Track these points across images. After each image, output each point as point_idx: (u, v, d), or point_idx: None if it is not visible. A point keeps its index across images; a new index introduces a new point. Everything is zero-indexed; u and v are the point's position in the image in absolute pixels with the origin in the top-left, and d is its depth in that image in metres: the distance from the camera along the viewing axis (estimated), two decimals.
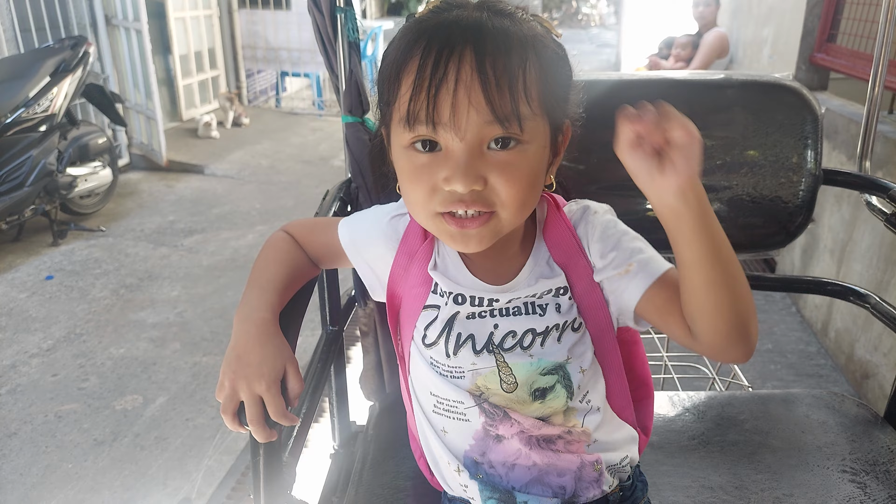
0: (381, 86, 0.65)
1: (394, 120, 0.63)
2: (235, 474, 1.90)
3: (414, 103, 0.59)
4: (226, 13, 6.23)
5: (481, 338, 0.69)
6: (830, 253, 2.54)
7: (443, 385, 0.71)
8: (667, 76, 1.08)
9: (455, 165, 0.59)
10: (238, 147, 5.24)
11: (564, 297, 0.69)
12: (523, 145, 0.61)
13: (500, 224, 0.63)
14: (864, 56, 2.54)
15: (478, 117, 0.58)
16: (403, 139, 0.62)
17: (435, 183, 0.61)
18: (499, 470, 0.72)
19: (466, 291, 0.70)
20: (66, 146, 3.49)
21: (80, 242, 3.51)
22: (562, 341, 0.69)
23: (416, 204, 0.63)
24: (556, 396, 0.69)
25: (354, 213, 0.80)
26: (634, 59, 6.66)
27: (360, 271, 0.77)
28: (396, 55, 0.61)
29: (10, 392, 2.25)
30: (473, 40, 0.58)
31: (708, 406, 1.07)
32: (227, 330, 2.63)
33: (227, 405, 0.63)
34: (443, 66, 0.57)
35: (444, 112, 0.58)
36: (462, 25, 0.59)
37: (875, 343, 2.14)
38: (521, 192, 0.61)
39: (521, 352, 0.69)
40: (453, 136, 0.59)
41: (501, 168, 0.60)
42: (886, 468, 0.92)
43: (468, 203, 0.60)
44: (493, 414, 0.70)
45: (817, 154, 1.03)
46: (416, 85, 0.58)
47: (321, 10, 1.01)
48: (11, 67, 3.35)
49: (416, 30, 0.61)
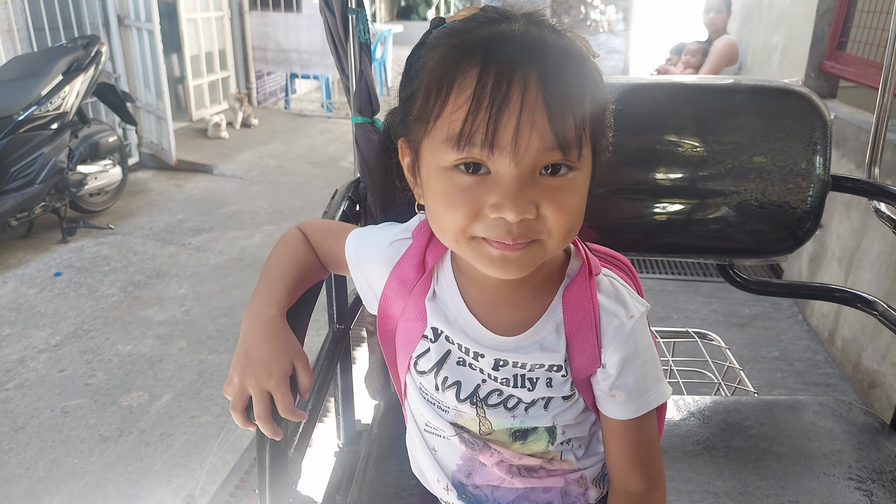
0: (411, 98, 0.59)
1: (433, 138, 0.57)
2: (239, 472, 1.90)
3: (470, 124, 0.53)
4: (237, 15, 6.27)
5: (467, 387, 0.68)
6: (839, 261, 2.53)
7: (428, 412, 0.72)
8: (676, 81, 1.08)
9: (507, 192, 0.54)
10: (247, 148, 5.27)
11: (558, 374, 0.66)
12: (574, 172, 0.57)
13: (545, 252, 0.58)
14: (874, 64, 2.52)
15: (540, 143, 0.53)
16: (445, 160, 0.56)
17: (479, 208, 0.55)
18: (484, 490, 0.73)
19: (456, 337, 0.67)
20: (77, 144, 3.52)
21: (90, 240, 3.54)
22: (549, 409, 0.68)
23: (451, 228, 0.57)
24: (538, 440, 0.69)
25: (366, 228, 0.77)
26: (643, 66, 6.65)
27: (359, 287, 0.75)
28: (441, 68, 0.55)
29: (18, 387, 2.27)
30: (537, 60, 0.53)
31: (713, 411, 1.06)
32: (234, 328, 2.64)
33: (236, 402, 0.63)
34: (505, 85, 0.52)
35: (504, 135, 0.53)
36: (521, 42, 0.54)
37: (883, 352, 2.13)
38: (570, 221, 0.57)
39: (504, 411, 0.68)
40: (508, 162, 0.53)
41: (553, 196, 0.55)
42: (893, 476, 0.91)
43: (515, 235, 0.55)
44: (473, 444, 0.71)
45: (826, 160, 1.02)
46: (473, 104, 0.53)
47: (333, 10, 1.02)
48: (25, 66, 3.39)
49: (465, 43, 0.55)
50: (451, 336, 0.67)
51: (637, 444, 0.68)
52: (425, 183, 0.61)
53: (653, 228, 1.09)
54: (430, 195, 0.60)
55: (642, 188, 1.06)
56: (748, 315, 2.82)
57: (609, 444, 0.70)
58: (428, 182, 0.60)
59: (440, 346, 0.68)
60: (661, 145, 1.04)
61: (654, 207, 1.07)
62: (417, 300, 0.69)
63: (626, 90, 1.04)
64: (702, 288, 3.04)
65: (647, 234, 1.09)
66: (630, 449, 0.68)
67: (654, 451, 0.69)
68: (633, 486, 0.68)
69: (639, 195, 1.07)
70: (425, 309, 0.68)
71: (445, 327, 0.67)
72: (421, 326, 0.69)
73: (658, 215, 1.07)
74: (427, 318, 0.68)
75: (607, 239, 0.87)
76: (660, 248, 1.13)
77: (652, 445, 0.69)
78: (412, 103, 0.59)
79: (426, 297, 0.68)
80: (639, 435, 0.67)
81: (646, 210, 1.07)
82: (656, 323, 2.63)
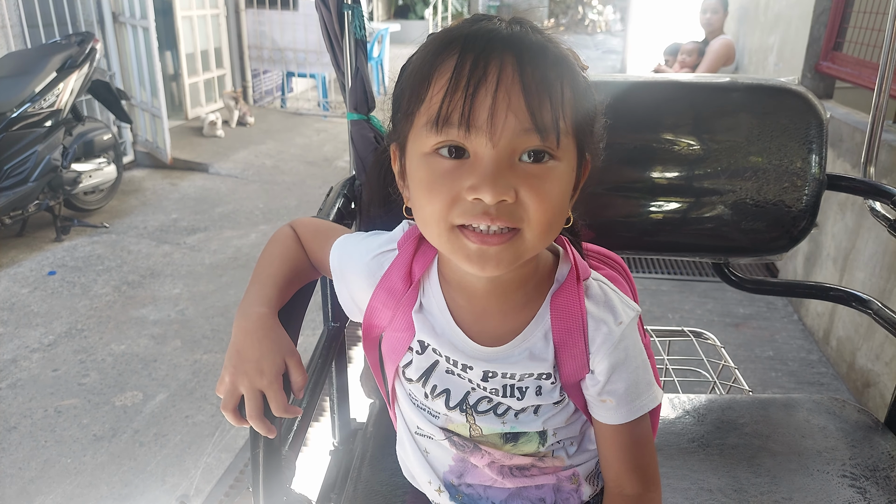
0: (400, 96, 0.61)
1: (416, 126, 0.58)
2: (234, 472, 1.89)
3: (447, 104, 0.54)
4: (233, 13, 6.25)
5: (456, 395, 0.68)
6: (833, 261, 2.54)
7: (418, 417, 0.72)
8: (672, 79, 1.08)
9: (483, 173, 0.54)
10: (242, 146, 5.25)
11: (547, 382, 0.66)
12: (556, 162, 0.56)
13: (524, 246, 0.57)
14: (870, 65, 2.53)
15: (516, 124, 0.54)
16: (426, 144, 0.57)
17: (458, 192, 0.55)
18: (476, 489, 0.73)
19: (443, 349, 0.67)
20: (71, 142, 3.50)
21: (84, 238, 3.52)
22: (539, 414, 0.68)
23: (432, 217, 0.57)
24: (529, 441, 0.69)
25: (352, 236, 0.75)
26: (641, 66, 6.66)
27: (340, 295, 0.74)
28: (424, 59, 0.58)
29: (11, 386, 2.26)
30: (514, 48, 0.55)
31: (708, 409, 1.06)
32: (228, 328, 2.63)
33: (227, 400, 0.63)
34: (482, 66, 0.53)
35: (480, 114, 0.53)
36: (501, 35, 0.56)
37: (877, 352, 2.14)
38: (550, 212, 0.56)
39: (493, 417, 0.68)
40: (486, 142, 0.54)
41: (532, 182, 0.55)
42: (886, 474, 0.92)
43: (493, 217, 0.54)
44: (464, 447, 0.71)
45: (822, 159, 1.03)
46: (451, 84, 0.54)
47: (328, 6, 1.01)
48: (18, 63, 3.36)
49: (448, 36, 0.57)
50: (439, 349, 0.67)
51: (630, 447, 0.67)
52: (410, 178, 0.61)
53: (648, 227, 1.09)
54: (413, 186, 0.60)
55: (638, 187, 1.06)
56: (743, 314, 2.83)
57: (602, 448, 0.70)
58: (411, 174, 0.60)
59: (427, 358, 0.68)
60: (658, 144, 1.04)
61: (650, 206, 1.07)
62: (405, 311, 0.68)
63: (622, 88, 1.04)
64: (697, 287, 3.05)
65: (642, 233, 1.09)
66: (623, 453, 0.68)
67: (649, 453, 0.69)
68: (628, 489, 0.68)
69: (634, 193, 1.07)
70: (413, 321, 0.68)
71: (433, 340, 0.67)
72: (408, 338, 0.69)
73: (654, 214, 1.07)
74: (415, 330, 0.68)
75: (603, 237, 0.86)
76: (655, 246, 1.13)
77: (646, 448, 0.68)
78: (401, 101, 0.61)
79: (413, 309, 0.68)
80: (632, 438, 0.67)
81: (641, 208, 1.07)
82: (652, 322, 2.64)
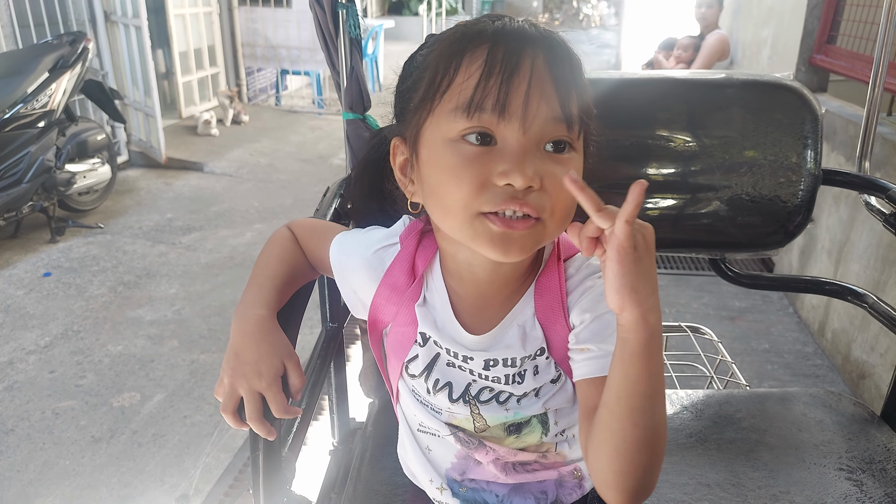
0: (412, 88, 0.61)
1: (438, 114, 0.58)
2: (233, 472, 1.90)
3: (482, 89, 0.55)
4: (226, 10, 6.22)
5: (458, 387, 0.69)
6: (828, 254, 2.55)
7: (422, 413, 0.72)
8: (667, 75, 1.08)
9: (514, 158, 0.55)
10: (237, 145, 5.23)
11: (542, 358, 0.67)
12: (574, 153, 0.59)
13: (544, 233, 0.58)
14: (864, 58, 2.54)
15: (548, 111, 0.55)
16: (452, 130, 0.57)
17: (486, 178, 0.55)
18: (479, 484, 0.74)
19: (444, 342, 0.68)
20: (65, 143, 3.48)
21: (78, 239, 3.50)
22: (540, 396, 0.68)
23: (456, 204, 0.57)
24: (532, 432, 0.70)
25: (350, 233, 0.76)
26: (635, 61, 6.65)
27: (343, 292, 0.75)
28: (448, 51, 0.58)
29: (8, 389, 2.25)
30: (544, 42, 0.57)
31: (705, 404, 1.07)
32: (225, 328, 2.63)
33: (226, 403, 0.63)
34: (515, 57, 0.55)
35: (514, 101, 0.55)
36: (528, 31, 0.58)
37: (872, 343, 2.15)
38: (570, 200, 0.57)
39: (496, 405, 0.69)
40: (518, 128, 0.55)
41: (555, 171, 0.56)
42: (882, 466, 0.92)
43: (521, 203, 0.55)
44: (469, 443, 0.71)
45: (817, 154, 1.03)
46: (484, 72, 0.55)
47: (322, 5, 1.01)
48: (10, 63, 3.34)
49: (474, 29, 0.58)
50: (440, 341, 0.68)
51: None
52: (426, 168, 0.61)
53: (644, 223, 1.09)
54: (433, 174, 0.60)
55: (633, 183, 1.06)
56: (739, 308, 2.84)
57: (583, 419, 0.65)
58: (431, 163, 0.60)
59: (429, 350, 0.69)
60: (653, 140, 1.04)
61: (646, 202, 1.07)
62: (409, 306, 0.69)
63: (617, 85, 1.04)
64: (693, 282, 3.06)
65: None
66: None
67: None
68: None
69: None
70: (416, 314, 0.69)
71: (434, 333, 0.68)
72: (413, 332, 0.69)
73: (649, 210, 1.07)
74: (418, 323, 0.69)
75: None
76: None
77: None
78: (412, 94, 0.61)
79: (416, 302, 0.69)
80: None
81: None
82: None
